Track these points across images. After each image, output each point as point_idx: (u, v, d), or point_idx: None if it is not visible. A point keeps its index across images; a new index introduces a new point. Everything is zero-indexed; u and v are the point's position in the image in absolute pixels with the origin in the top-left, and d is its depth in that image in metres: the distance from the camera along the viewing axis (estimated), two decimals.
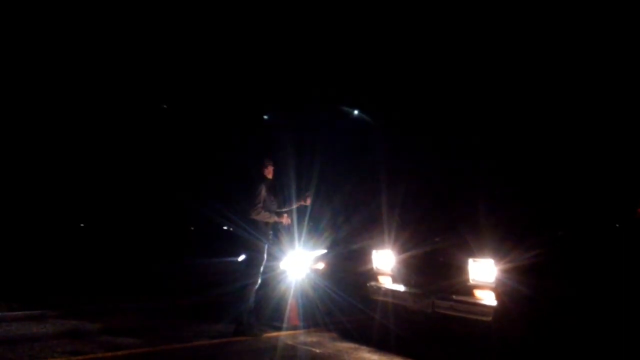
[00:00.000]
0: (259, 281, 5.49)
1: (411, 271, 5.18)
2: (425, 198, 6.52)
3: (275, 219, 5.65)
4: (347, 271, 6.58)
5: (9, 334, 5.33)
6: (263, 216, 5.50)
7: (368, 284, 5.66)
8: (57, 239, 13.08)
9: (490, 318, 4.27)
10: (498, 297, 4.32)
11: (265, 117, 14.56)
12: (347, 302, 6.25)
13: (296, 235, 6.95)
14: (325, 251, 7.24)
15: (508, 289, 4.33)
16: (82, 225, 16.35)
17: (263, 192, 5.49)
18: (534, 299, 4.40)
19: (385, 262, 5.52)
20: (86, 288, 8.02)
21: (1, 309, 6.24)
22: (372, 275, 5.68)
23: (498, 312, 4.27)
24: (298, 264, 6.54)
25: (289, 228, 6.05)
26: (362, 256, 6.12)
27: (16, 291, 7.12)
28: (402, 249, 5.35)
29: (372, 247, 5.78)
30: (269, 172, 5.67)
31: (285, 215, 5.78)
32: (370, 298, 5.61)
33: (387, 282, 5.45)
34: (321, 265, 7.02)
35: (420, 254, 5.12)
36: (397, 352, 4.64)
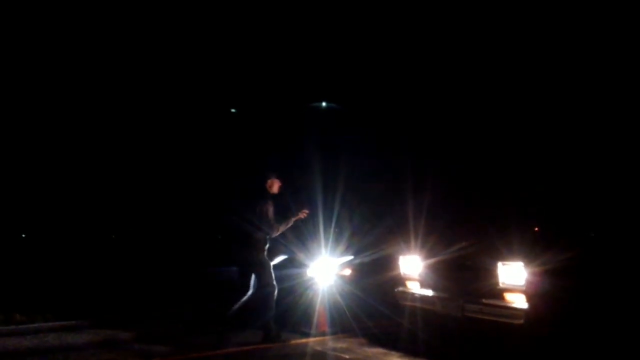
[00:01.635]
0: (276, 287, 5.50)
1: (439, 276, 5.15)
2: (452, 202, 6.47)
3: (291, 222, 5.67)
4: (375, 277, 6.56)
5: (45, 345, 5.48)
6: (283, 229, 5.60)
7: (396, 290, 5.64)
8: (90, 250, 13.39)
9: (521, 321, 4.22)
10: (529, 300, 4.27)
11: (233, 110, 14.60)
12: (374, 308, 6.22)
13: (323, 242, 6.99)
14: (352, 257, 7.24)
15: (539, 292, 4.28)
16: (113, 236, 16.71)
17: (271, 209, 5.51)
18: (565, 302, 4.32)
19: (412, 267, 5.51)
20: (118, 297, 8.19)
21: (37, 320, 6.41)
22: (400, 280, 5.66)
23: (529, 315, 4.22)
24: (325, 270, 6.56)
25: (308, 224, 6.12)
26: (389, 262, 6.11)
27: (51, 302, 7.30)
28: (430, 253, 5.34)
29: (399, 253, 5.77)
30: (275, 187, 5.68)
31: (302, 212, 5.75)
32: (399, 303, 5.59)
33: (415, 287, 5.43)
34: (348, 272, 7.02)
35: (448, 258, 5.09)
36: (427, 357, 4.60)
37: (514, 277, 4.37)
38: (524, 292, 4.29)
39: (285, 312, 6.38)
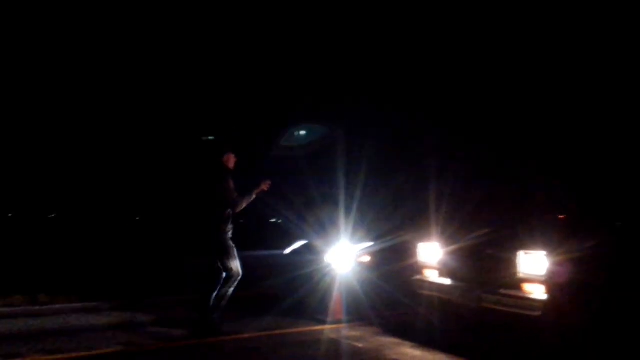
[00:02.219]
0: (240, 275, 5.23)
1: (457, 264, 5.05)
2: (473, 189, 6.32)
3: (254, 195, 5.31)
4: (392, 264, 6.50)
5: (68, 325, 5.63)
6: (246, 202, 5.24)
7: (413, 278, 5.56)
8: (114, 231, 13.69)
9: (539, 313, 4.11)
10: (549, 291, 4.14)
11: (211, 137, 14.71)
12: (392, 296, 6.18)
13: (341, 228, 6.95)
14: (371, 244, 7.19)
15: (560, 283, 4.14)
16: (137, 218, 17.05)
17: (232, 184, 5.23)
18: (588, 293, 4.19)
19: (430, 255, 5.41)
20: (138, 281, 8.33)
21: (60, 302, 6.58)
22: (417, 268, 5.57)
23: (548, 306, 4.10)
24: (343, 257, 6.52)
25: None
26: (407, 249, 6.02)
27: (74, 283, 7.47)
28: (449, 241, 5.22)
29: (418, 240, 5.67)
30: (231, 162, 5.39)
31: (263, 183, 5.35)
32: (415, 292, 5.50)
33: (432, 276, 5.34)
34: (367, 259, 6.98)
35: (467, 246, 4.97)
36: (441, 348, 4.55)
37: (534, 267, 4.24)
38: (544, 282, 4.15)
39: (303, 299, 6.41)
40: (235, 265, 5.19)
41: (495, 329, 4.76)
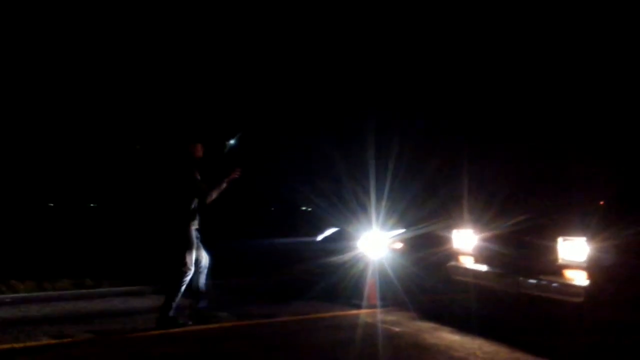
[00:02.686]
0: (192, 271, 4.98)
1: (494, 251, 5.03)
2: (510, 173, 6.25)
3: (224, 185, 5.11)
4: (426, 251, 6.52)
5: (113, 308, 5.87)
6: (216, 193, 5.06)
7: (448, 264, 5.57)
8: (148, 219, 14.04)
9: (581, 299, 4.06)
10: (590, 277, 4.09)
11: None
12: (426, 281, 6.21)
13: (374, 214, 6.99)
14: (403, 231, 7.21)
15: (602, 269, 4.08)
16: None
17: (198, 175, 5.05)
18: (631, 280, 4.12)
19: (466, 241, 5.40)
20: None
21: (105, 285, 6.86)
22: (453, 254, 5.58)
23: (590, 293, 4.04)
24: (376, 243, 6.57)
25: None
26: (441, 236, 6.03)
27: (116, 269, 7.76)
28: (485, 227, 5.20)
29: (453, 227, 5.67)
30: (198, 151, 5.15)
31: (234, 172, 5.12)
32: (451, 278, 5.52)
33: (468, 262, 5.34)
34: (399, 245, 7.01)
35: (504, 232, 4.94)
36: (479, 333, 4.56)
37: (575, 253, 4.19)
38: (586, 268, 4.10)
39: (337, 284, 6.51)
40: (190, 260, 4.95)
41: (534, 315, 4.74)
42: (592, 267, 4.09)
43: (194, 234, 5.04)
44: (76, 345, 4.38)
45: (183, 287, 4.96)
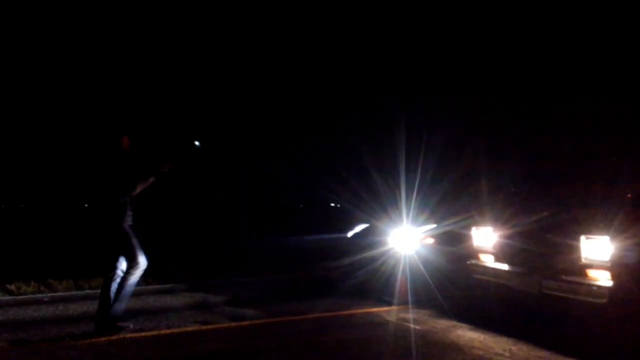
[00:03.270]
0: (144, 265, 4.82)
1: (514, 249, 4.93)
2: (531, 170, 6.09)
3: (152, 180, 4.91)
4: (452, 247, 6.44)
5: (147, 305, 5.99)
6: (141, 186, 4.86)
7: (468, 262, 5.50)
8: (182, 219, 14.32)
9: (605, 300, 3.92)
10: (614, 277, 3.95)
11: (197, 143, 14.83)
12: (450, 279, 6.14)
13: (404, 210, 6.92)
14: (434, 226, 7.11)
15: (626, 269, 3.94)
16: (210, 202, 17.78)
17: (128, 167, 4.85)
18: None
19: (485, 239, 5.31)
20: (208, 264, 8.72)
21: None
22: (473, 252, 5.49)
23: (614, 293, 3.90)
24: (406, 239, 6.51)
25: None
26: (464, 233, 5.94)
27: (149, 267, 7.90)
28: (504, 225, 5.10)
29: (472, 224, 5.58)
30: (125, 143, 4.93)
31: (165, 166, 4.96)
32: (471, 276, 5.45)
33: (488, 260, 5.25)
34: (430, 241, 6.92)
35: (524, 230, 4.83)
36: (500, 332, 4.49)
37: (598, 252, 4.07)
38: (609, 268, 3.97)
39: (367, 280, 6.48)
40: (139, 253, 4.77)
41: (556, 315, 4.63)
42: (615, 267, 3.96)
43: (129, 230, 4.80)
44: (112, 343, 4.47)
45: (134, 282, 4.77)
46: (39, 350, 4.24)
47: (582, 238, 4.16)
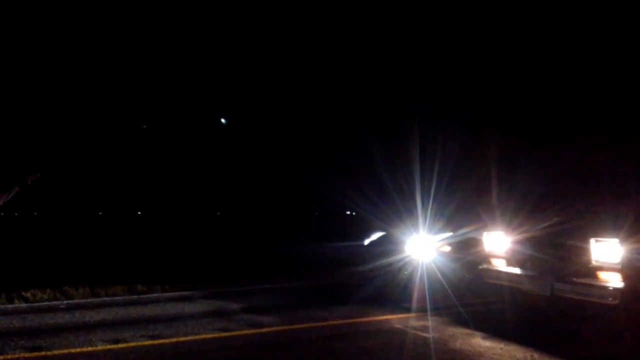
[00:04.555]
0: None
1: (526, 253, 4.93)
2: (541, 176, 6.06)
3: (15, 190, 4.46)
4: (467, 254, 6.40)
5: (165, 313, 5.99)
6: (7, 197, 4.43)
7: (480, 267, 5.49)
8: (198, 225, 14.41)
9: (617, 301, 3.94)
10: (625, 279, 3.96)
11: (223, 120, 14.84)
12: (467, 286, 6.08)
13: (420, 219, 6.89)
14: (450, 234, 7.07)
15: (636, 270, 3.95)
16: (218, 213, 17.87)
17: None
18: None
19: (497, 244, 5.29)
20: (225, 271, 8.72)
21: (156, 291, 7.02)
22: (485, 257, 5.47)
23: (625, 294, 3.92)
24: (422, 247, 6.48)
25: None
26: (476, 239, 5.90)
27: (166, 275, 7.94)
28: (516, 230, 5.09)
29: (484, 230, 5.55)
30: None
31: (32, 175, 4.50)
32: (484, 281, 5.40)
33: (500, 265, 5.22)
34: (447, 249, 6.87)
35: (535, 235, 4.85)
36: (512, 338, 4.46)
37: (608, 254, 4.09)
38: (620, 270, 4.00)
39: (385, 287, 6.45)
40: None
41: (568, 317, 4.58)
42: (626, 269, 3.98)
43: None
44: (131, 350, 4.47)
45: None
46: (56, 358, 4.25)
47: (592, 241, 4.20)
